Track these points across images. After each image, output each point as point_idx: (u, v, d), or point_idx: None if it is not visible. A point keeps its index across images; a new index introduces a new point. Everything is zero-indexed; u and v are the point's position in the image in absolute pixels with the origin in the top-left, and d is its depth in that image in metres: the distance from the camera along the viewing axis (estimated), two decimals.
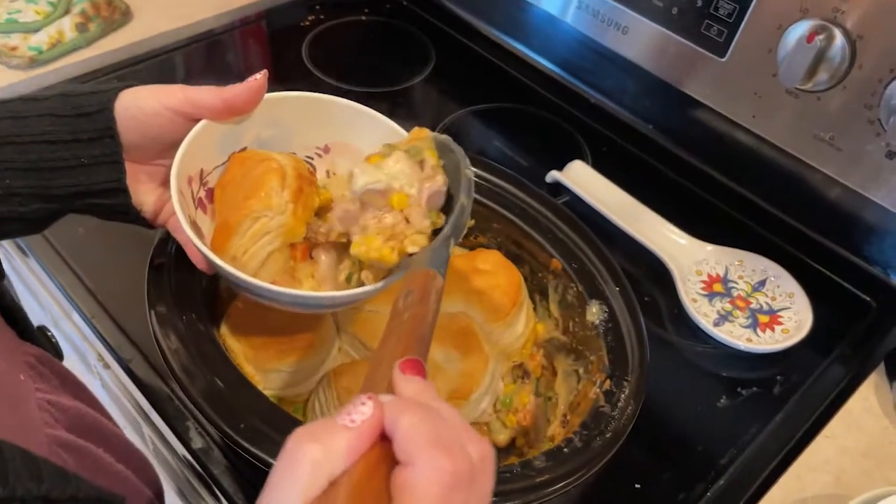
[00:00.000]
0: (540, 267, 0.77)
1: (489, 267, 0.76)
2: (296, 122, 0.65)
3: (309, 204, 0.59)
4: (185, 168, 0.58)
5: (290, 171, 0.59)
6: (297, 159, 0.62)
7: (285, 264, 0.61)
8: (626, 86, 1.08)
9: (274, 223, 0.57)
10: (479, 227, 0.81)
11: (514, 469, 0.58)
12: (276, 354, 0.66)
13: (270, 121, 0.63)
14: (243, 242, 0.58)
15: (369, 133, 0.65)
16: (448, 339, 0.69)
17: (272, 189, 0.57)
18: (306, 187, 0.60)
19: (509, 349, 0.75)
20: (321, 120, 0.65)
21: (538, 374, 0.75)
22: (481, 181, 0.80)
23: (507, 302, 0.73)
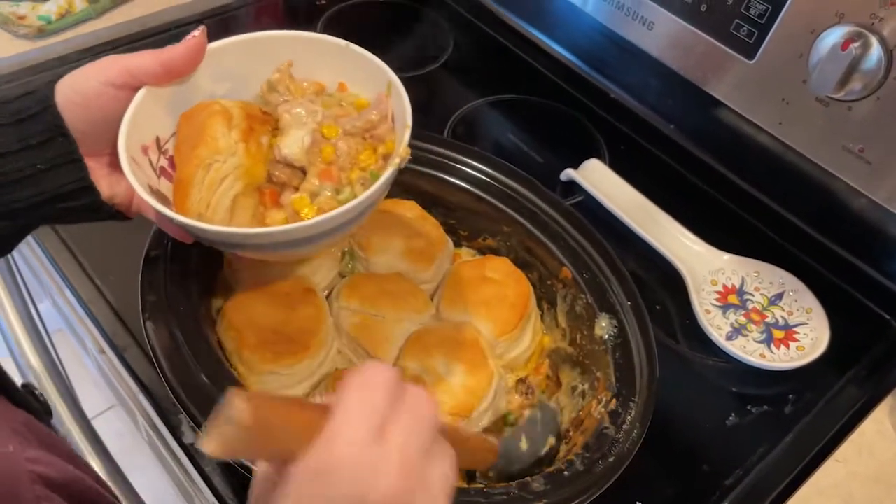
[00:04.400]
0: (549, 274, 0.75)
1: (498, 276, 0.73)
2: (247, 69, 0.61)
3: (262, 143, 0.57)
4: (136, 138, 0.54)
5: (237, 112, 0.56)
6: (245, 103, 0.59)
7: (255, 211, 0.58)
8: (648, 83, 1.04)
9: (228, 166, 0.54)
10: (488, 230, 0.78)
11: (511, 491, 0.56)
12: (272, 356, 0.64)
13: (220, 74, 0.60)
14: (203, 195, 0.55)
15: (324, 59, 0.61)
16: (452, 351, 0.67)
17: (217, 131, 0.54)
18: (258, 126, 0.57)
19: (514, 363, 0.72)
20: (271, 59, 0.61)
21: (543, 388, 0.73)
22: (491, 181, 0.77)
23: (515, 316, 0.71)
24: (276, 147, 0.57)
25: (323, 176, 0.56)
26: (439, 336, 0.69)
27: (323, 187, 0.56)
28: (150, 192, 0.53)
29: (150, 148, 0.57)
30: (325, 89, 0.62)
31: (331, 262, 0.74)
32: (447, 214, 0.79)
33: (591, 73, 1.09)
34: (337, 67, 0.61)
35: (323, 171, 0.56)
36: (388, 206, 0.77)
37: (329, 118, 0.58)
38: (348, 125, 0.57)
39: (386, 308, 0.70)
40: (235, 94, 0.61)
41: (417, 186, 0.79)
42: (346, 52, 0.60)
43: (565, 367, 0.72)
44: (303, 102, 0.58)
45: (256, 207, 0.58)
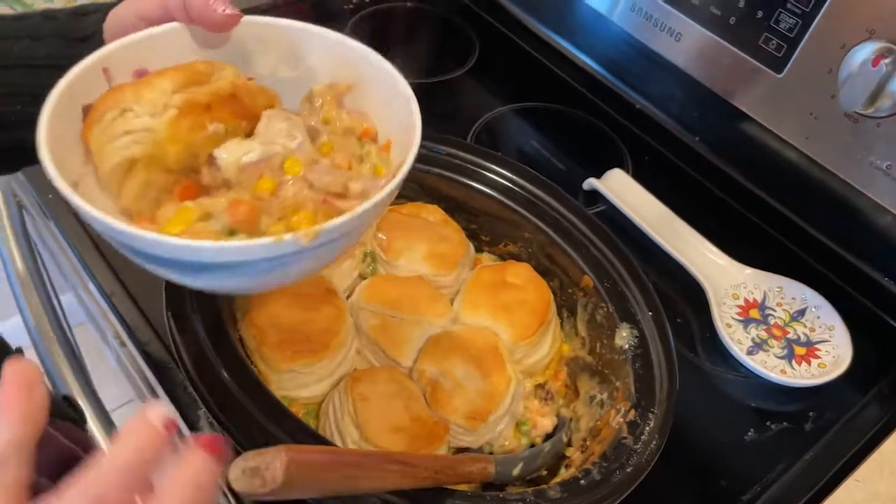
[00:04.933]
0: (570, 282, 0.75)
1: (519, 281, 0.73)
2: (310, 64, 0.53)
3: (205, 131, 0.45)
4: (137, 58, 0.48)
5: (214, 84, 0.46)
6: (246, 83, 0.49)
7: (149, 191, 0.46)
8: (673, 93, 1.03)
9: (138, 123, 0.44)
10: (509, 235, 0.78)
11: (527, 498, 0.56)
12: (292, 355, 0.64)
13: (279, 52, 0.52)
14: (102, 137, 0.45)
15: (386, 100, 0.52)
16: (471, 357, 0.67)
17: (159, 82, 0.45)
18: (223, 111, 0.46)
19: (533, 368, 0.72)
20: (337, 65, 0.52)
21: (562, 395, 0.73)
22: (514, 187, 0.77)
23: (535, 321, 0.70)
24: (216, 149, 0.45)
25: (234, 208, 0.43)
26: (458, 340, 0.69)
27: (220, 219, 0.43)
28: None
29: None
30: (366, 135, 0.52)
31: (351, 264, 0.74)
32: (469, 219, 0.79)
33: (615, 83, 1.09)
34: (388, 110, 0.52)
35: (238, 204, 0.43)
36: (412, 209, 0.78)
37: (305, 153, 0.46)
38: (318, 175, 0.45)
39: (406, 310, 0.70)
40: (277, 77, 0.53)
41: (440, 191, 0.79)
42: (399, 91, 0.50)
43: (584, 375, 0.72)
44: (295, 121, 0.48)
45: (153, 188, 0.46)
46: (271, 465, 0.38)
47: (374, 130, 0.52)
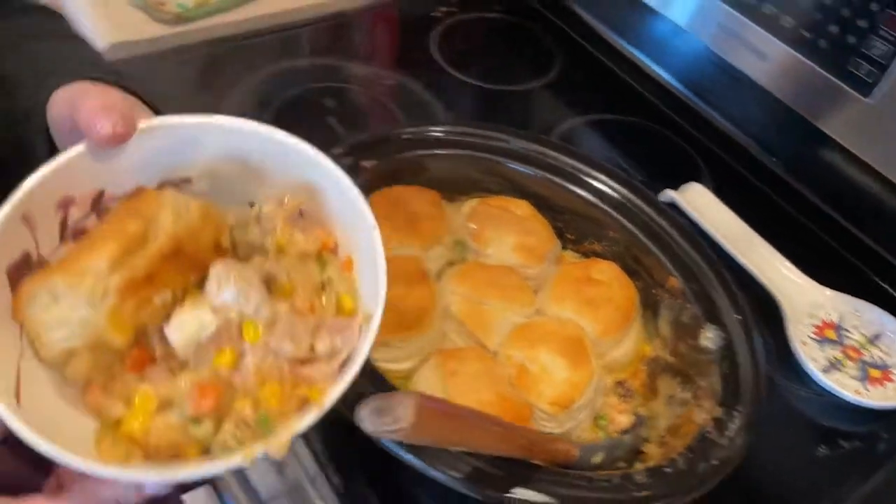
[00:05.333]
0: (654, 283, 0.76)
1: (605, 279, 0.75)
2: (253, 169, 0.48)
3: (151, 306, 0.42)
4: (58, 185, 0.44)
5: (153, 245, 0.42)
6: (188, 225, 0.44)
7: (98, 366, 0.42)
8: (753, 112, 1.05)
9: (75, 316, 0.40)
10: (594, 234, 0.80)
11: (613, 479, 0.57)
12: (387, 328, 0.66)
13: (215, 155, 0.48)
14: (36, 323, 0.41)
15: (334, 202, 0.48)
16: (556, 346, 0.68)
17: (93, 264, 0.40)
18: (165, 275, 0.42)
19: (614, 365, 0.73)
20: (289, 169, 0.48)
21: (640, 394, 0.74)
22: (603, 186, 0.79)
23: (621, 317, 0.72)
24: (166, 321, 0.42)
25: (197, 400, 0.40)
26: (544, 330, 0.70)
27: (182, 408, 0.40)
28: (24, 261, 0.43)
29: (78, 203, 0.45)
30: (325, 248, 0.48)
31: (441, 250, 0.77)
32: (555, 217, 0.81)
33: (695, 100, 1.11)
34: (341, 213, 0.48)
35: (202, 394, 0.40)
36: (502, 202, 0.80)
37: (263, 315, 0.43)
38: (279, 341, 0.42)
39: (494, 297, 0.72)
40: (219, 190, 0.48)
41: (528, 188, 0.81)
42: (343, 188, 0.47)
43: (664, 376, 0.73)
44: (248, 277, 0.43)
45: (106, 363, 0.42)
46: (401, 407, 0.41)
47: (333, 240, 0.49)
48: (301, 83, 1.09)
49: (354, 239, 0.48)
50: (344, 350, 0.44)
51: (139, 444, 0.40)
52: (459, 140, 0.80)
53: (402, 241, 0.74)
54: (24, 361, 0.41)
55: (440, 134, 0.80)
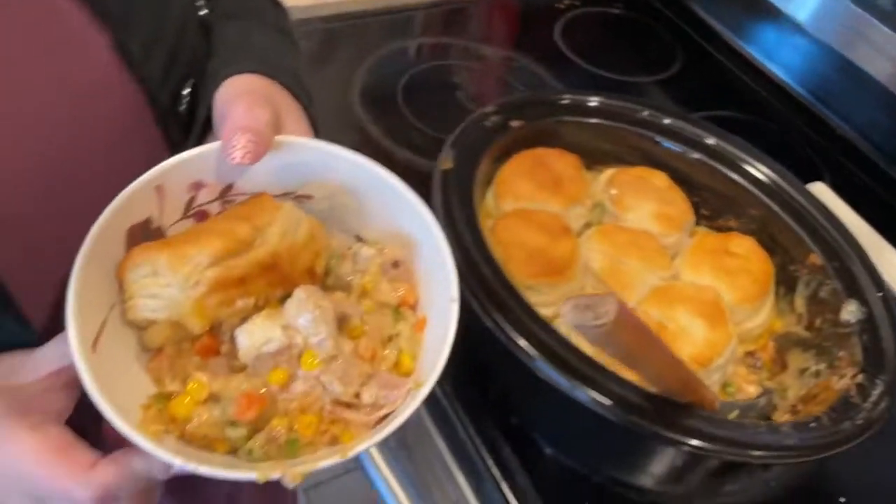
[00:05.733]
0: (792, 260, 0.77)
1: (742, 252, 0.76)
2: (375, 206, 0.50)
3: (233, 307, 0.45)
4: (191, 170, 0.47)
5: (254, 253, 0.45)
6: (290, 246, 0.46)
7: (170, 341, 0.46)
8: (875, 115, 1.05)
9: (166, 293, 0.43)
10: (732, 211, 0.82)
11: (761, 427, 0.59)
12: (536, 271, 0.70)
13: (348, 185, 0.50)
14: (132, 285, 0.44)
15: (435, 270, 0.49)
16: (696, 308, 0.70)
17: (196, 255, 0.43)
18: (255, 283, 0.45)
19: (746, 335, 0.75)
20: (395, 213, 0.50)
21: (767, 368, 0.75)
22: (745, 165, 0.81)
23: (758, 288, 0.74)
24: (236, 326, 0.45)
25: (243, 408, 0.43)
26: (683, 293, 0.72)
27: (226, 409, 0.43)
28: (145, 224, 0.46)
29: (209, 188, 0.48)
30: (405, 304, 0.50)
31: (581, 211, 0.80)
32: (691, 192, 0.83)
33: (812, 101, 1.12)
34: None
35: (248, 398, 0.43)
36: (640, 172, 0.82)
37: (325, 350, 0.45)
38: (330, 379, 0.44)
39: (633, 258, 0.74)
40: (334, 216, 0.51)
41: (667, 162, 0.84)
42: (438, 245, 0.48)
43: (796, 350, 0.74)
44: (324, 310, 0.45)
45: (178, 340, 0.46)
46: (605, 304, 0.43)
47: (415, 298, 0.50)
48: (426, 61, 1.14)
49: (436, 303, 0.48)
50: (386, 407, 0.45)
51: (178, 424, 0.43)
52: (612, 111, 0.83)
53: (546, 199, 0.77)
54: (112, 314, 0.45)
55: (595, 103, 0.83)
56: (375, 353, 0.47)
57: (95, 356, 0.42)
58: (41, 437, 0.41)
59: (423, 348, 0.48)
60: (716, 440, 0.57)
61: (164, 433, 0.43)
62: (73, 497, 0.40)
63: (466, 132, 0.76)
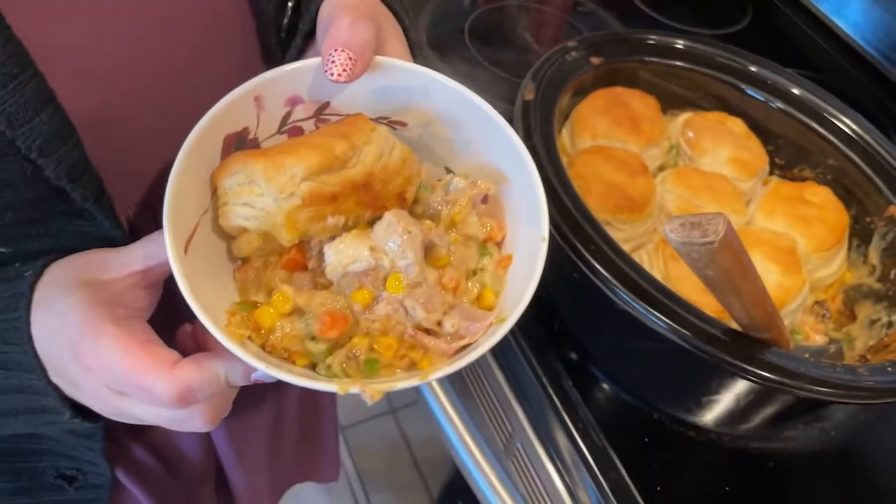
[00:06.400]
0: (867, 212, 0.77)
1: (818, 201, 0.76)
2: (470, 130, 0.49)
3: (324, 223, 0.44)
4: (290, 85, 0.47)
5: (349, 171, 0.44)
6: (385, 167, 0.46)
7: (259, 251, 0.47)
8: None
9: (259, 202, 0.43)
10: (807, 160, 0.81)
11: (837, 367, 0.59)
12: (614, 207, 0.70)
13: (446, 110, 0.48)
14: (227, 192, 0.44)
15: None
16: (770, 253, 0.70)
17: (292, 166, 0.42)
18: (347, 201, 0.44)
19: (817, 284, 0.75)
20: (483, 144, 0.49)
21: (834, 320, 0.75)
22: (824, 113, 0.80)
23: (833, 237, 0.73)
24: (325, 243, 0.45)
25: (326, 326, 0.44)
26: (758, 237, 0.72)
27: (309, 324, 0.44)
28: (241, 134, 0.46)
29: (306, 105, 0.48)
30: (491, 239, 0.49)
31: (657, 152, 0.79)
32: (766, 141, 0.83)
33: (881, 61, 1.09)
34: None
35: (332, 315, 0.44)
36: (718, 117, 0.82)
37: (411, 275, 0.44)
38: (414, 304, 0.44)
39: (708, 201, 0.74)
40: (425, 144, 0.50)
41: (744, 110, 0.83)
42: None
43: (866, 301, 0.74)
44: (413, 235, 0.45)
45: (266, 250, 0.47)
46: (713, 222, 0.43)
47: (502, 235, 0.49)
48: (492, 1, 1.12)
49: (523, 241, 0.48)
50: (466, 338, 0.44)
51: (261, 334, 0.44)
52: (697, 54, 0.82)
53: (623, 138, 0.77)
54: (203, 219, 0.45)
55: (681, 45, 0.82)
56: (459, 284, 0.46)
57: (187, 258, 0.42)
58: (126, 331, 0.41)
59: (506, 286, 0.48)
60: (795, 377, 0.57)
61: (247, 340, 0.43)
62: (153, 392, 0.40)
63: (547, 65, 0.76)
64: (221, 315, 0.44)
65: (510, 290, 0.47)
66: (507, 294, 0.47)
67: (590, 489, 0.66)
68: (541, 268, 0.44)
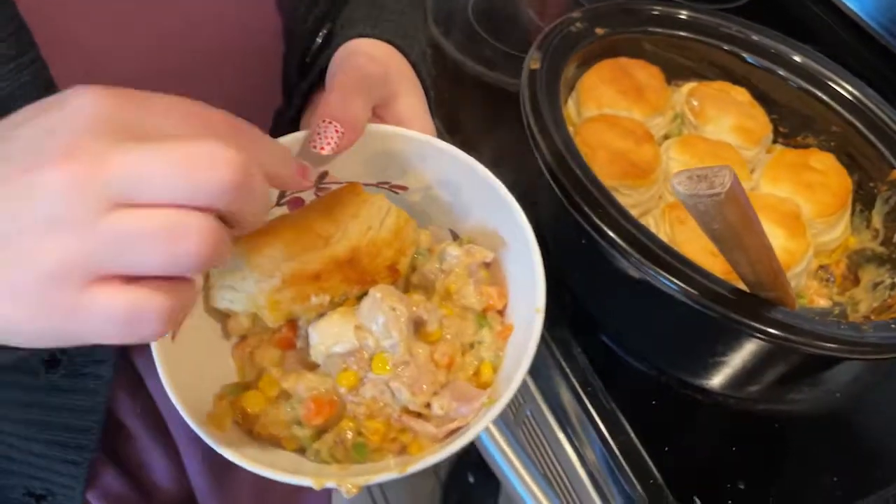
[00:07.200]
0: (870, 178, 0.78)
1: (821, 167, 0.77)
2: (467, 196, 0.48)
3: (308, 303, 0.43)
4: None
5: (331, 248, 0.43)
6: (372, 241, 0.44)
7: (255, 329, 0.46)
8: None
9: (241, 285, 0.42)
10: (811, 128, 0.82)
11: (842, 325, 0.60)
12: (620, 173, 0.71)
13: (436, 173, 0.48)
14: (212, 275, 0.44)
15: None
16: (775, 217, 0.71)
17: (270, 250, 0.42)
18: (331, 279, 0.43)
19: (821, 249, 0.76)
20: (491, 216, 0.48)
21: (838, 283, 0.76)
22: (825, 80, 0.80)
23: (836, 202, 0.74)
24: (310, 324, 0.44)
25: (311, 413, 0.42)
26: (762, 202, 0.73)
27: (295, 409, 0.43)
28: None
29: None
30: (490, 309, 0.48)
31: (661, 121, 0.80)
32: (769, 110, 0.83)
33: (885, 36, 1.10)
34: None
35: (318, 402, 0.42)
36: (723, 87, 0.83)
37: (397, 355, 0.43)
38: (399, 386, 0.42)
39: None
40: (427, 208, 0.50)
41: (747, 79, 0.84)
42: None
43: (869, 265, 0.75)
44: (399, 313, 0.43)
45: (258, 328, 0.46)
46: (720, 174, 0.44)
47: (503, 303, 0.48)
48: None
49: (519, 310, 0.46)
50: (456, 420, 0.42)
51: (248, 419, 0.43)
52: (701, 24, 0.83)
53: (628, 107, 0.78)
54: (198, 298, 0.43)
55: (684, 16, 0.83)
56: (453, 360, 0.44)
57: (174, 343, 0.41)
58: None
59: (505, 359, 0.46)
60: (801, 333, 0.58)
61: (234, 424, 0.43)
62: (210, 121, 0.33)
63: (552, 36, 0.76)
64: (209, 400, 0.43)
65: (508, 363, 0.45)
66: (506, 368, 0.45)
67: (599, 452, 0.68)
68: (535, 342, 0.42)
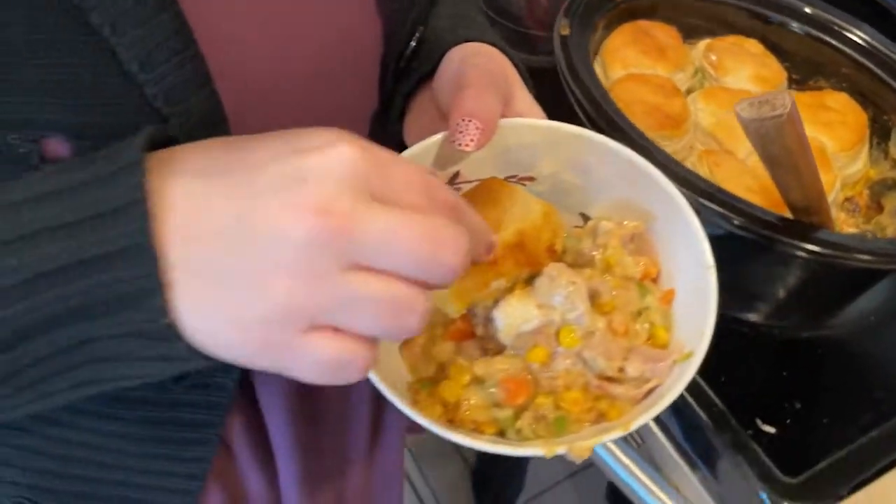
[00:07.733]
0: (884, 111, 0.83)
1: (837, 106, 0.82)
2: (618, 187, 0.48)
3: (488, 289, 0.44)
4: (422, 162, 0.46)
5: (502, 234, 0.44)
6: (533, 225, 0.45)
7: (428, 326, 0.44)
8: None
9: None
10: (822, 72, 0.87)
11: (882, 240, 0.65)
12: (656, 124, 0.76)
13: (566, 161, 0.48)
14: None
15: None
16: None
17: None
18: (505, 263, 0.44)
19: (846, 181, 0.81)
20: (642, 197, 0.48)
21: (863, 213, 0.81)
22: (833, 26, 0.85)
23: (855, 136, 0.80)
24: (494, 307, 0.45)
25: (509, 392, 0.43)
26: None
27: (491, 393, 0.44)
28: None
29: (439, 177, 0.47)
30: (646, 276, 0.49)
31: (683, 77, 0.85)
32: (781, 59, 0.88)
33: None
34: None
35: (514, 383, 0.43)
36: (736, 40, 0.88)
37: (583, 325, 0.44)
38: (593, 354, 0.44)
39: None
40: (557, 195, 0.49)
41: (755, 30, 0.89)
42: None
43: (891, 193, 0.80)
44: (578, 287, 0.44)
45: (433, 323, 0.46)
46: (779, 98, 0.49)
47: (657, 271, 0.49)
48: None
49: (683, 273, 0.47)
50: (653, 380, 0.44)
51: (449, 409, 0.43)
52: None
53: (652, 65, 0.83)
54: None
55: None
56: (628, 328, 0.46)
57: None
58: None
59: (675, 320, 0.47)
60: (846, 249, 0.63)
61: (438, 416, 0.43)
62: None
63: (577, 3, 0.81)
64: (405, 392, 0.44)
65: (682, 323, 0.46)
66: (681, 328, 0.46)
67: None
68: (715, 296, 0.44)
